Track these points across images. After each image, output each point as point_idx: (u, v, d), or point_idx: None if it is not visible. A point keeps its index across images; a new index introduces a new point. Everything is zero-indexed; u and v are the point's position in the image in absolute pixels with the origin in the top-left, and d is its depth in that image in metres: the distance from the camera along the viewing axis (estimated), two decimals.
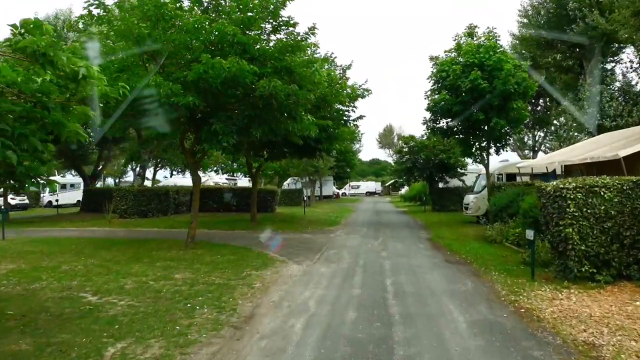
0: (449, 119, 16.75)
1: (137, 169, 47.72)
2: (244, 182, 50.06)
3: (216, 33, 9.32)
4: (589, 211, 6.80)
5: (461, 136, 17.26)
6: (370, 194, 66.24)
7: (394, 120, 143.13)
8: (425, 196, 33.03)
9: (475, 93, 14.73)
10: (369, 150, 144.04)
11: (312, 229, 16.71)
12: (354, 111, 16.81)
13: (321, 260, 9.97)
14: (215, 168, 47.39)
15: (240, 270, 8.73)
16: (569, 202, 6.80)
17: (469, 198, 18.81)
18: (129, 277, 8.07)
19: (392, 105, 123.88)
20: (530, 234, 7.47)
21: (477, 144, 16.90)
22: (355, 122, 17.38)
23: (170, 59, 9.94)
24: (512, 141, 21.28)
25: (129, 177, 58.20)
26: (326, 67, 15.05)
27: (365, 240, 13.60)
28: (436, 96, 15.65)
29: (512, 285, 7.24)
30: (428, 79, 16.80)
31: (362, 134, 39.16)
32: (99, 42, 10.53)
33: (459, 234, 14.43)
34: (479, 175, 19.93)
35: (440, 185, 26.75)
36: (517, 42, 20.34)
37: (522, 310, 5.96)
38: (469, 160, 24.23)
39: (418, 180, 27.94)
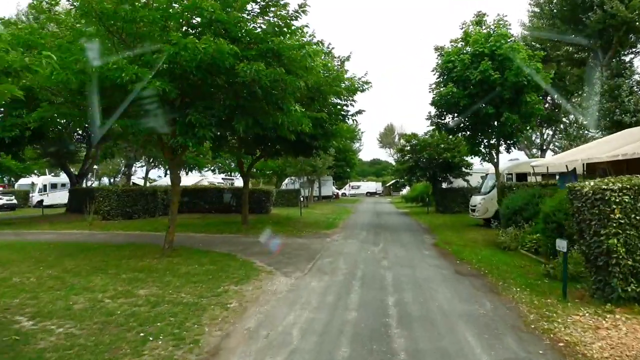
0: (456, 114, 15.50)
1: (123, 167, 46.68)
2: (241, 182, 48.92)
3: (193, 10, 8.06)
4: (638, 218, 5.54)
5: (468, 133, 15.99)
6: (370, 194, 64.96)
7: (394, 119, 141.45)
8: (428, 197, 31.77)
9: (485, 85, 13.47)
10: (369, 150, 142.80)
11: (307, 233, 15.45)
12: (353, 105, 15.53)
13: (313, 271, 8.71)
14: (212, 168, 46.20)
15: (217, 284, 7.48)
16: (614, 206, 5.53)
17: (476, 199, 17.55)
18: (83, 294, 6.81)
19: (393, 104, 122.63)
20: (562, 244, 6.21)
21: (485, 141, 15.64)
22: (354, 117, 16.10)
23: (142, 41, 8.70)
24: (522, 138, 19.99)
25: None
26: (322, 58, 13.79)
27: (364, 246, 12.35)
28: (442, 89, 14.37)
29: (541, 307, 5.98)
30: (433, 71, 15.55)
31: (362, 132, 37.99)
32: (64, 22, 9.33)
33: (467, 239, 13.17)
34: (486, 175, 18.67)
35: (444, 185, 25.49)
36: (527, 33, 19.06)
37: (561, 344, 4.70)
38: (474, 160, 23.02)
39: (420, 181, 26.65)
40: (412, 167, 24.29)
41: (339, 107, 15.57)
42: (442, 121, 16.09)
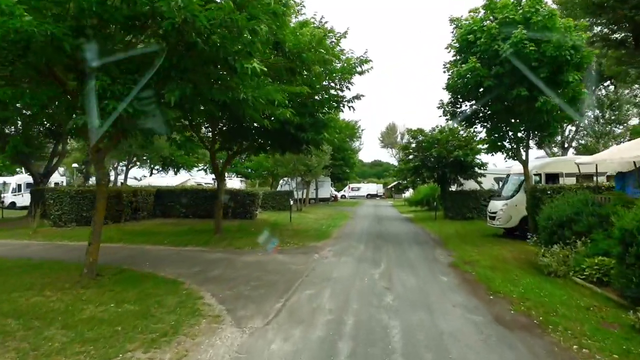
0: (474, 101, 12.65)
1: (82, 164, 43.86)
2: (234, 182, 46.06)
3: None
4: None
5: (490, 124, 13.13)
6: (371, 196, 62.08)
7: (396, 118, 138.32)
8: (435, 200, 28.91)
9: (516, 61, 10.57)
10: (370, 151, 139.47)
11: (291, 246, 12.58)
12: (349, 89, 12.65)
13: (282, 317, 5.83)
14: (203, 167, 43.31)
15: (118, 347, 4.61)
16: None
17: (496, 205, 14.65)
18: None
19: (394, 102, 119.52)
20: None
21: (511, 133, 12.76)
22: (350, 105, 13.22)
23: None
24: (559, 130, 17.04)
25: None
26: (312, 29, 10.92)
27: (360, 267, 9.47)
28: (461, 67, 11.49)
29: None
30: (447, 48, 12.70)
31: (362, 129, 35.09)
32: None
33: (492, 257, 10.27)
34: (508, 175, 15.79)
35: (453, 188, 22.62)
36: (558, 7, 16.17)
37: None
38: (490, 158, 20.18)
39: (427, 182, 23.75)
40: (418, 167, 21.42)
41: (332, 90, 12.71)
42: (458, 109, 13.22)
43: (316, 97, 11.97)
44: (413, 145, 21.79)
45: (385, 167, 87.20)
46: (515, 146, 12.86)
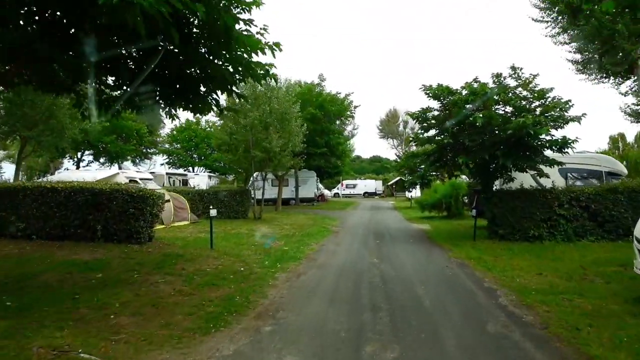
0: None
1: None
2: (202, 178, 37.01)
3: None
4: None
5: None
6: (369, 194, 53.21)
7: (398, 103, 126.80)
8: (458, 203, 20.01)
9: None
10: (368, 146, 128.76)
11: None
12: None
13: None
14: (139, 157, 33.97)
15: None
16: None
17: None
18: None
19: (395, 86, 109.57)
20: None
21: None
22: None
23: None
24: None
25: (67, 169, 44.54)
26: None
27: None
28: None
29: None
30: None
31: (354, 106, 25.99)
32: None
33: None
34: None
35: (494, 185, 13.68)
36: None
37: None
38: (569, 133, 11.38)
39: (456, 175, 14.80)
40: (444, 148, 12.41)
41: None
42: None
43: None
44: (434, 112, 12.76)
45: (384, 163, 79.63)
46: None
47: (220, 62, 5.90)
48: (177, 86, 7.07)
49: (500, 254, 10.29)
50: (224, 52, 5.69)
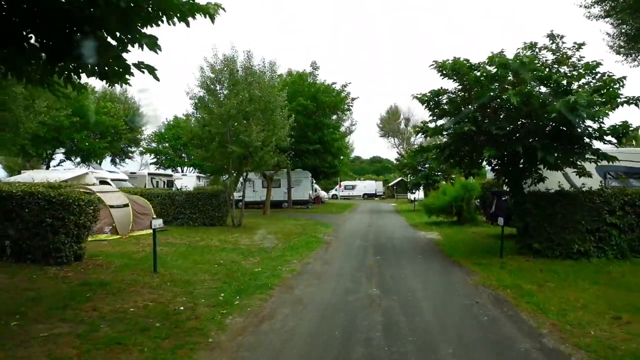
0: None
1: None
2: (190, 180, 34.32)
3: None
4: None
5: None
6: (368, 196, 50.63)
7: (399, 101, 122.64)
8: (468, 207, 17.47)
9: None
10: (368, 147, 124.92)
11: None
12: None
13: None
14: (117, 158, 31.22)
15: None
16: None
17: None
18: None
19: (395, 86, 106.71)
20: None
21: None
22: None
23: None
24: None
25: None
26: None
27: None
28: None
29: None
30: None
31: (352, 98, 23.21)
32: None
33: None
34: None
35: (523, 186, 10.99)
36: None
37: None
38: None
39: (474, 173, 12.22)
40: (465, 137, 9.73)
41: None
42: None
43: None
44: (450, 93, 10.10)
45: (385, 163, 77.33)
46: None
47: None
48: (67, 31, 4.46)
49: (543, 278, 7.65)
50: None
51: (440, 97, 10.29)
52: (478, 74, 9.06)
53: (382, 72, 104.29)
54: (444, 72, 9.91)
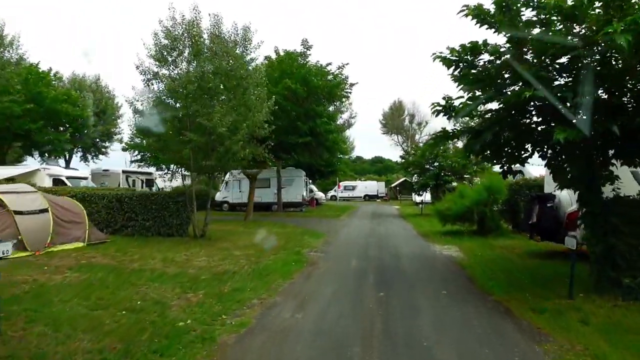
0: None
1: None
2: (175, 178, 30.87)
3: None
4: None
5: None
6: (370, 197, 47.26)
7: (403, 96, 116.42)
8: (492, 214, 14.16)
9: None
10: (369, 148, 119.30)
11: None
12: None
13: None
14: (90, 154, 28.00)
15: None
16: None
17: None
18: None
19: (396, 82, 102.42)
20: None
21: None
22: None
23: None
24: None
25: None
26: None
27: None
28: None
29: None
30: None
31: (351, 83, 19.77)
32: None
33: None
34: None
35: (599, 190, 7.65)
36: None
37: None
38: None
39: (509, 170, 8.76)
40: (512, 116, 6.37)
41: None
42: None
43: None
44: (485, 56, 6.75)
45: (387, 162, 74.11)
46: None
47: None
48: None
49: None
50: None
51: (475, 58, 6.93)
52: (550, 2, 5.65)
53: (384, 71, 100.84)
54: (481, 17, 6.54)
